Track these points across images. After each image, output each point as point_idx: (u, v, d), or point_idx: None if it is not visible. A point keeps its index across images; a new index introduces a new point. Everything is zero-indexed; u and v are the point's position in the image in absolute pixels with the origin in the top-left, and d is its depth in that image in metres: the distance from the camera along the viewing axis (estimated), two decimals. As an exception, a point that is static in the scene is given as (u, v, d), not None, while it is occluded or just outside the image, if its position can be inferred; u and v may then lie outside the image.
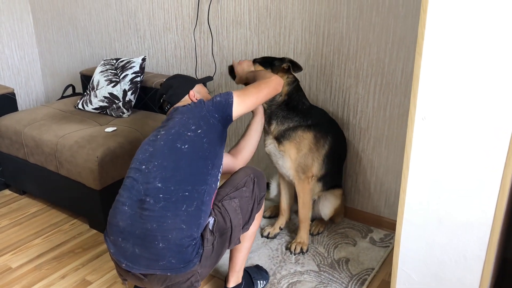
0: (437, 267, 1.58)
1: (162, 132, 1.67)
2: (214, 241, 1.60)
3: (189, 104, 1.77)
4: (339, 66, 2.31)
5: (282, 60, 2.05)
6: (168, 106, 1.85)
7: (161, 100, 1.87)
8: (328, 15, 2.26)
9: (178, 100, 1.84)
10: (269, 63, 2.05)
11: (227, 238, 1.65)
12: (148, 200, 1.54)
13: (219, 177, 1.70)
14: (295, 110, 2.09)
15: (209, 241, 1.58)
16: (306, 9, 2.32)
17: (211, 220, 1.61)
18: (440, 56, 1.35)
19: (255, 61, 2.08)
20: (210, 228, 1.60)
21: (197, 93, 1.88)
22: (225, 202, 1.68)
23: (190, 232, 1.52)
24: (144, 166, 1.61)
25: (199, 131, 1.66)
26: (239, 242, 1.74)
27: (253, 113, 2.04)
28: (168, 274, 1.52)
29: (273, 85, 1.84)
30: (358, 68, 2.26)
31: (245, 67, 2.07)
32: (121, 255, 1.55)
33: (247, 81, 2.04)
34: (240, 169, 1.83)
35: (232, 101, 1.72)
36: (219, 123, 1.71)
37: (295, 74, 2.10)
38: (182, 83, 1.89)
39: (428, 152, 1.46)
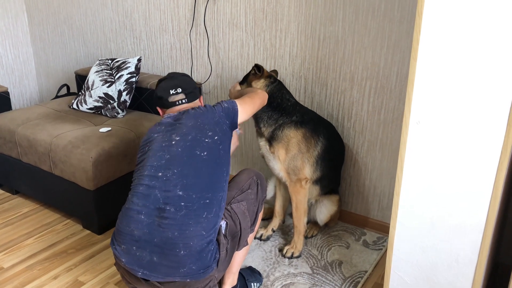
0: (429, 271, 1.59)
1: (177, 138, 1.63)
2: (227, 245, 1.62)
3: (198, 107, 1.73)
4: (334, 69, 2.32)
5: (251, 70, 2.21)
6: (183, 101, 1.76)
7: (175, 91, 1.76)
8: (324, 19, 2.27)
9: (193, 101, 1.80)
10: (245, 78, 2.23)
11: (237, 240, 1.69)
12: (168, 208, 1.53)
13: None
14: (279, 109, 2.11)
15: (224, 245, 1.60)
16: (302, 12, 2.33)
17: (223, 224, 1.63)
18: (435, 60, 1.36)
19: (239, 83, 2.25)
20: (223, 232, 1.62)
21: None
22: (234, 205, 1.71)
23: (209, 237, 1.54)
24: (161, 174, 1.58)
25: (216, 137, 1.65)
26: (247, 244, 1.77)
27: None
28: (188, 280, 1.52)
29: (261, 96, 1.97)
30: (353, 71, 2.27)
31: (235, 88, 2.20)
32: (136, 263, 1.53)
33: (236, 98, 2.10)
34: (243, 171, 1.87)
35: (237, 108, 1.77)
36: (229, 129, 1.73)
37: (274, 76, 2.24)
38: (195, 85, 1.86)
39: (421, 156, 1.47)
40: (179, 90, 1.77)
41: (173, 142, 1.63)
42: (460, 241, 1.48)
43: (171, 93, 1.76)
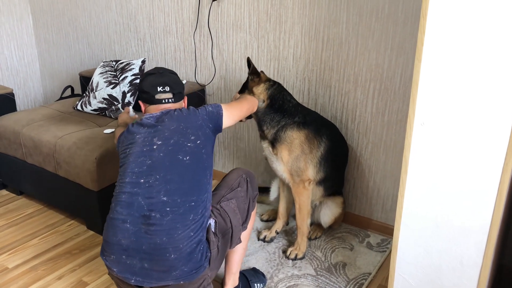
0: (434, 273, 1.58)
1: (159, 142, 1.59)
2: (218, 242, 1.62)
3: (180, 109, 1.68)
4: (338, 71, 2.33)
5: (248, 78, 2.20)
6: (170, 101, 1.71)
7: (163, 89, 1.69)
8: (328, 20, 2.28)
9: (179, 101, 1.75)
10: (244, 85, 2.24)
11: (229, 238, 1.69)
12: (153, 215, 1.52)
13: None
14: (281, 111, 2.11)
15: (214, 243, 1.60)
16: (306, 14, 2.34)
17: (212, 222, 1.63)
18: (440, 62, 1.36)
19: (238, 92, 2.25)
20: (213, 230, 1.62)
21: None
22: (223, 203, 1.71)
23: (198, 237, 1.54)
24: (143, 180, 1.55)
25: (198, 141, 1.63)
26: (240, 241, 1.77)
27: None
28: (181, 282, 1.52)
29: (251, 102, 2.00)
30: (357, 73, 2.27)
31: (235, 98, 2.18)
32: (128, 271, 1.53)
33: None
34: (232, 170, 1.88)
35: (222, 113, 1.74)
36: (212, 133, 1.71)
37: (274, 79, 2.25)
38: (183, 85, 1.81)
39: (426, 157, 1.47)
40: (167, 88, 1.70)
41: (155, 147, 1.59)
42: (465, 243, 1.48)
43: (158, 90, 1.69)
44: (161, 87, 1.70)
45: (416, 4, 2.01)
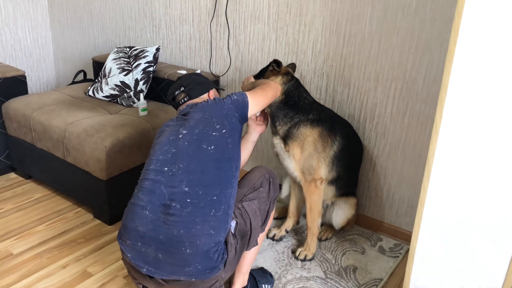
0: (451, 285, 1.51)
1: (184, 132, 1.59)
2: (236, 244, 1.57)
3: (206, 101, 1.71)
4: (358, 68, 2.24)
5: (269, 65, 2.12)
6: (185, 99, 1.78)
7: (179, 91, 1.80)
8: (351, 15, 2.19)
9: (197, 96, 1.79)
10: (261, 72, 2.15)
11: (247, 240, 1.64)
12: (174, 205, 1.49)
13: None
14: (295, 107, 2.04)
15: (232, 245, 1.55)
16: (328, 7, 2.25)
17: (233, 223, 1.58)
18: (473, 64, 1.28)
19: (254, 76, 2.18)
20: (233, 232, 1.57)
21: (214, 95, 1.86)
22: (245, 203, 1.66)
23: (218, 238, 1.50)
24: (166, 168, 1.54)
25: (224, 130, 1.61)
26: (257, 243, 1.72)
27: (248, 127, 2.02)
28: (193, 280, 1.48)
29: (274, 87, 1.94)
30: (378, 71, 2.18)
31: (248, 80, 2.13)
32: (141, 259, 1.50)
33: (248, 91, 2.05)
34: (255, 168, 1.81)
35: (247, 100, 1.72)
36: (239, 122, 1.69)
37: (294, 73, 2.18)
38: (205, 81, 1.86)
39: (451, 165, 1.39)
40: (182, 88, 1.79)
41: (180, 136, 1.59)
42: (486, 256, 1.41)
43: (175, 94, 1.80)
44: (177, 90, 1.80)
45: (446, 2, 1.91)
